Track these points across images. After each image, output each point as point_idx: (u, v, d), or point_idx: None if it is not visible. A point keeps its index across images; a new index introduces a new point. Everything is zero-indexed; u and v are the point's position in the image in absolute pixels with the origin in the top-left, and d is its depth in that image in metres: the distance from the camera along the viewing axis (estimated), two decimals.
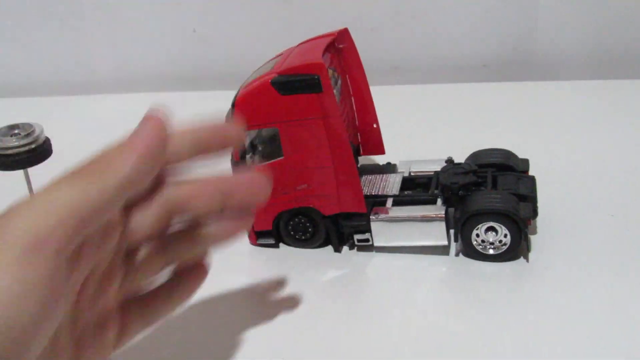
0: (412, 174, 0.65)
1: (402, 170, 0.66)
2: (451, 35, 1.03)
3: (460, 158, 0.66)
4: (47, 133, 0.58)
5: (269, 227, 0.62)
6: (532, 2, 0.99)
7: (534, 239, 0.60)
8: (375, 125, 0.68)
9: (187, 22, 1.08)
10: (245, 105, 0.58)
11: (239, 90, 0.59)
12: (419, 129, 0.73)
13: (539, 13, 1.00)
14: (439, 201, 0.60)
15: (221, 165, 0.47)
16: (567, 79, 1.00)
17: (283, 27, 1.05)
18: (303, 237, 0.62)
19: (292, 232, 0.62)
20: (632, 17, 0.98)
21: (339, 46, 0.65)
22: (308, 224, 0.61)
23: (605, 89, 0.94)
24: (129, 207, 0.40)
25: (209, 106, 1.08)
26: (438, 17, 1.02)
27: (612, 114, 0.87)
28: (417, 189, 0.64)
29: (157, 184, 0.41)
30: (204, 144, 0.43)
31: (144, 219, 0.41)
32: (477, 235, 0.58)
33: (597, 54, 1.01)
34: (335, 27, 0.67)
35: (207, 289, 0.58)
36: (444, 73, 1.04)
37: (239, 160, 0.59)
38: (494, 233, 0.57)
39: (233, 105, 0.58)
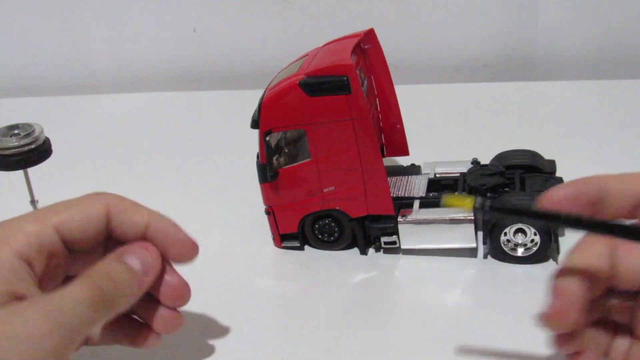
0: (437, 175, 0.65)
1: (426, 172, 0.66)
2: (451, 35, 1.03)
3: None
4: (47, 133, 0.58)
5: (295, 230, 0.62)
6: (532, 2, 0.99)
7: (562, 240, 0.60)
8: (399, 126, 0.67)
9: (187, 22, 1.08)
10: (273, 106, 0.57)
11: (264, 92, 0.58)
12: (419, 129, 0.73)
13: (539, 13, 0.99)
14: None
15: None
16: (567, 79, 1.00)
17: (283, 27, 1.05)
18: (329, 239, 0.62)
19: (318, 234, 0.62)
20: (632, 17, 0.98)
21: (365, 47, 0.65)
22: (335, 226, 0.61)
23: (605, 89, 0.94)
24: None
25: (209, 106, 1.08)
26: (438, 17, 1.02)
27: (612, 114, 0.87)
28: (443, 190, 0.64)
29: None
30: (151, 239, 0.44)
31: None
32: (506, 237, 0.58)
33: (597, 54, 1.01)
34: (335, 27, 0.67)
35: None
36: (444, 73, 1.04)
37: (265, 162, 0.59)
38: (522, 235, 0.57)
39: (260, 106, 0.58)
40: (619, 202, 0.38)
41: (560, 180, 0.62)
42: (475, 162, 0.65)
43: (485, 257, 0.60)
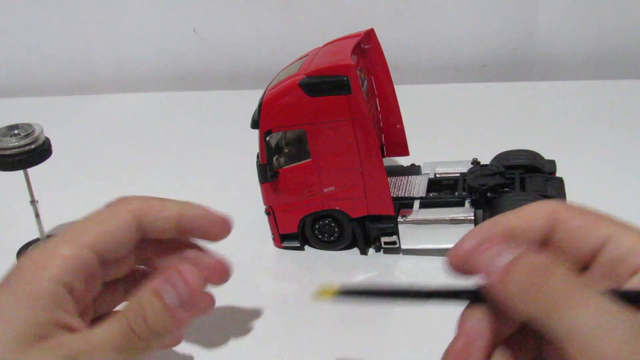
0: (437, 175, 0.65)
1: (426, 172, 0.66)
2: (451, 35, 1.03)
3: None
4: (47, 133, 0.58)
5: (295, 230, 0.62)
6: (532, 2, 0.99)
7: None
8: (399, 126, 0.67)
9: (187, 22, 1.08)
10: (272, 106, 0.57)
11: (265, 92, 0.58)
12: (419, 129, 0.73)
13: (539, 13, 0.99)
14: (467, 203, 0.60)
15: None
16: (567, 79, 1.00)
17: (283, 27, 1.05)
18: (329, 239, 0.62)
19: (318, 234, 0.62)
20: (632, 17, 0.98)
21: (365, 47, 0.65)
22: (335, 226, 0.61)
23: (605, 89, 0.94)
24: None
25: (209, 106, 1.08)
26: (438, 17, 1.02)
27: (612, 114, 0.87)
28: (443, 190, 0.64)
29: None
30: (187, 232, 0.43)
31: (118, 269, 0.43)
32: None
33: (597, 54, 1.01)
34: (335, 27, 0.67)
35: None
36: (444, 73, 1.04)
37: (265, 162, 0.59)
38: None
39: (260, 106, 0.58)
40: (526, 239, 0.35)
41: (560, 180, 0.62)
42: (475, 162, 0.65)
43: None
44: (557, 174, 0.63)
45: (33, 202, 0.60)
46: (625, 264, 0.33)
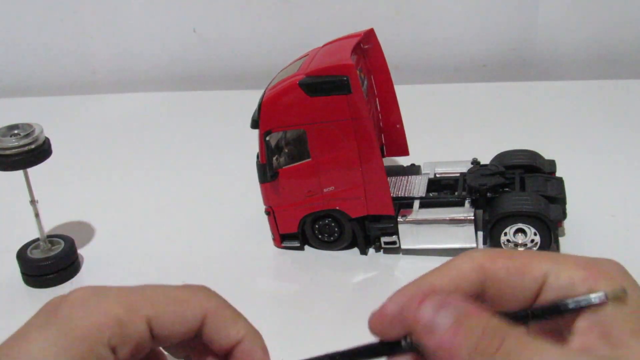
0: (437, 175, 0.65)
1: (426, 172, 0.66)
2: (451, 35, 1.03)
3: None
4: (47, 133, 0.58)
5: (295, 230, 0.62)
6: (532, 2, 0.99)
7: (562, 240, 0.60)
8: (399, 126, 0.67)
9: (187, 22, 1.08)
10: (272, 106, 0.57)
11: (264, 92, 0.58)
12: (419, 129, 0.73)
13: (539, 13, 0.99)
14: (467, 203, 0.60)
15: None
16: (567, 79, 1.00)
17: (283, 26, 1.05)
18: (329, 239, 0.62)
19: (318, 234, 0.62)
20: (632, 17, 0.98)
21: (365, 47, 0.65)
22: (335, 226, 0.61)
23: (605, 89, 0.94)
24: None
25: (209, 106, 1.08)
26: (438, 17, 1.02)
27: (612, 114, 0.87)
28: (443, 190, 0.64)
29: None
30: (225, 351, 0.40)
31: None
32: (506, 237, 0.58)
33: (597, 53, 1.01)
34: (335, 27, 0.67)
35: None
36: (444, 73, 1.04)
37: (265, 162, 0.59)
38: (522, 235, 0.57)
39: (260, 106, 0.58)
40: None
41: (560, 180, 0.62)
42: (475, 162, 0.65)
43: None
44: (557, 174, 0.63)
45: (33, 202, 0.60)
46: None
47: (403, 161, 0.70)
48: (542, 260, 0.32)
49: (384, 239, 0.60)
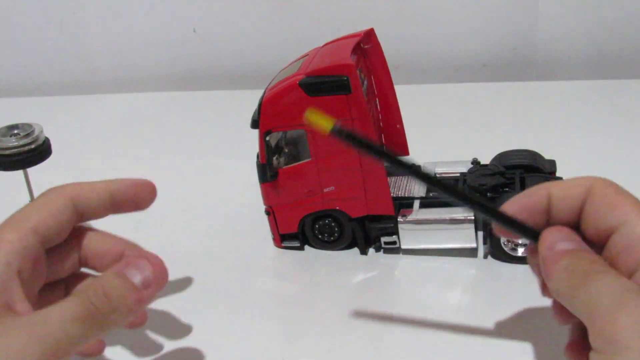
0: (437, 175, 0.65)
1: (426, 172, 0.66)
2: (451, 35, 1.03)
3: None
4: (47, 133, 0.58)
5: (295, 230, 0.62)
6: (532, 2, 0.99)
7: None
8: (399, 126, 0.67)
9: (187, 22, 1.08)
10: (272, 106, 0.57)
11: (264, 92, 0.58)
12: (419, 129, 0.73)
13: (539, 13, 1.00)
14: None
15: None
16: (567, 79, 1.00)
17: (283, 26, 1.05)
18: (329, 239, 0.62)
19: (318, 234, 0.62)
20: (632, 17, 0.98)
21: (365, 47, 0.65)
22: (335, 226, 0.61)
23: (605, 89, 0.94)
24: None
25: (209, 106, 1.08)
26: (438, 17, 1.02)
27: (612, 114, 0.87)
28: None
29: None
30: (119, 205, 0.45)
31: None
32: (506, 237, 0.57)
33: (597, 54, 1.01)
34: (335, 27, 0.67)
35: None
36: (444, 73, 1.04)
37: (265, 162, 0.59)
38: None
39: (260, 106, 0.58)
40: (564, 207, 0.39)
41: (560, 180, 0.62)
42: (475, 162, 0.65)
43: (485, 257, 0.60)
44: (557, 174, 0.63)
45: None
46: (632, 252, 0.34)
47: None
48: (629, 209, 0.38)
49: (384, 239, 0.60)
